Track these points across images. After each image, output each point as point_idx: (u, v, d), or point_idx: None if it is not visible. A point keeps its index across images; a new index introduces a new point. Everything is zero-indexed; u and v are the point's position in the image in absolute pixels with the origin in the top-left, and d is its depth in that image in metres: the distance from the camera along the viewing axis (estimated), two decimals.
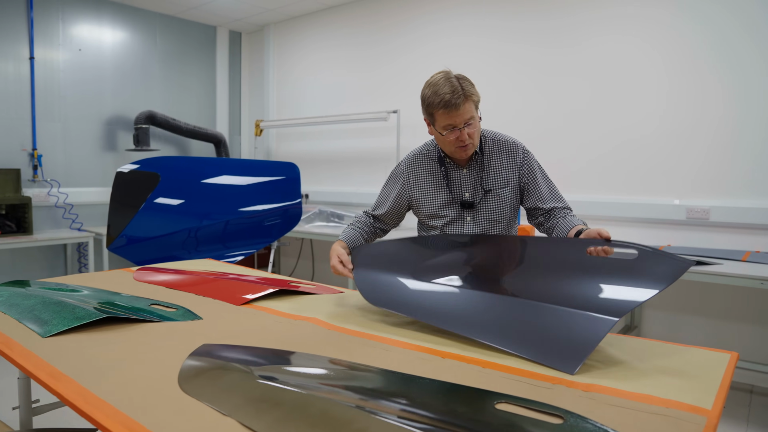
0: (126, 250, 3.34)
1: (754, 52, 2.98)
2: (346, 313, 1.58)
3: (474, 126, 1.73)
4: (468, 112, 1.69)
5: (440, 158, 1.86)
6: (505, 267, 1.59)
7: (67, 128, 4.69)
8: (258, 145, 5.62)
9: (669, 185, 3.26)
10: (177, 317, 1.55)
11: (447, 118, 1.69)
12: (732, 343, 3.11)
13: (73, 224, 4.67)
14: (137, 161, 3.45)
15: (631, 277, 1.27)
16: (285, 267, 5.61)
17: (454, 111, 1.67)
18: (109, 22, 4.91)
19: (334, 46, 5.06)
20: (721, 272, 2.59)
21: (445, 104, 1.66)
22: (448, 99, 1.66)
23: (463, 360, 1.17)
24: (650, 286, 1.22)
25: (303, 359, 1.19)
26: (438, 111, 1.69)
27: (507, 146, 1.86)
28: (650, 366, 1.13)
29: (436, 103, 1.68)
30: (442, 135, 1.73)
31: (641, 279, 1.25)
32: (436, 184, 1.87)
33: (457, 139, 1.72)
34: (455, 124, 1.69)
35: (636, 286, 1.25)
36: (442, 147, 1.81)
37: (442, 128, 1.72)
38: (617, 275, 1.30)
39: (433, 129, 1.78)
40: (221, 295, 1.80)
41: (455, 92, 1.66)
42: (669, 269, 1.23)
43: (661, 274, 1.23)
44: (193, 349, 1.24)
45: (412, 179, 1.91)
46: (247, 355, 1.23)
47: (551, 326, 1.26)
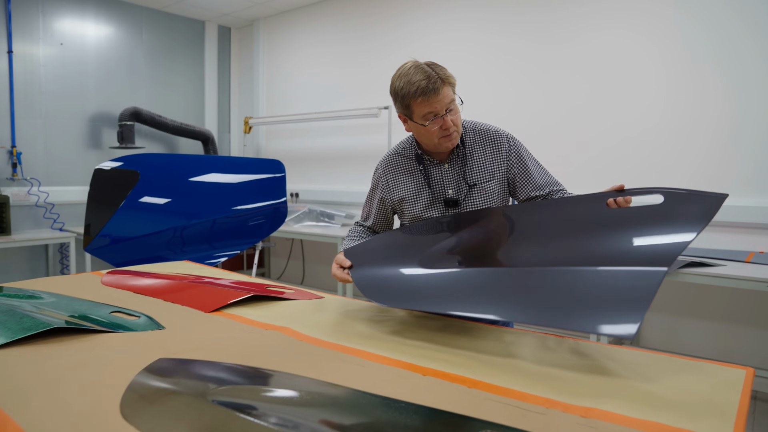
0: (104, 252, 3.20)
1: (754, 46, 2.86)
2: (323, 322, 1.45)
3: (456, 111, 1.60)
4: (448, 96, 1.56)
5: (418, 156, 1.72)
6: (521, 237, 1.47)
7: (48, 125, 4.54)
8: (247, 142, 5.49)
9: (669, 182, 3.14)
10: (137, 327, 1.42)
11: (426, 105, 1.54)
12: (735, 348, 2.99)
13: (55, 224, 4.53)
14: (117, 158, 3.31)
15: (665, 222, 1.17)
16: (275, 268, 5.48)
17: (433, 97, 1.53)
18: (92, 15, 4.77)
19: (325, 41, 4.93)
20: (724, 274, 2.47)
21: (422, 91, 1.52)
22: (424, 85, 1.52)
23: (446, 378, 1.04)
24: (688, 228, 1.13)
25: (266, 378, 1.05)
26: (415, 101, 1.55)
27: (490, 136, 1.72)
28: (657, 386, 1.00)
29: (412, 93, 1.54)
30: (423, 126, 1.59)
31: (676, 222, 1.15)
32: (417, 185, 1.73)
33: (441, 128, 1.58)
34: (436, 111, 1.55)
35: (673, 232, 1.14)
36: (425, 141, 1.66)
37: (422, 119, 1.57)
38: (649, 223, 1.20)
39: (411, 124, 1.64)
40: (191, 301, 1.67)
41: (430, 78, 1.53)
42: (702, 207, 1.14)
43: (696, 213, 1.14)
44: (147, 365, 1.11)
45: (391, 183, 1.77)
46: (206, 371, 1.10)
47: (591, 290, 1.15)
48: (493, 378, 1.04)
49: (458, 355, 1.18)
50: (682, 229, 1.13)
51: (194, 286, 1.84)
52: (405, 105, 1.59)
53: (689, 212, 1.15)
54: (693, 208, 1.16)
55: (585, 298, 1.14)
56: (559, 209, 1.42)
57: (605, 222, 1.27)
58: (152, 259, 3.01)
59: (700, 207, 1.15)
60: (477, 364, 1.12)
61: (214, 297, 1.68)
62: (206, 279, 2.01)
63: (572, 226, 1.33)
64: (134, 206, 3.18)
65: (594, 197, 1.34)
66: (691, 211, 1.15)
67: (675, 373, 1.06)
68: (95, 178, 3.26)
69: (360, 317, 1.48)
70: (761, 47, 2.84)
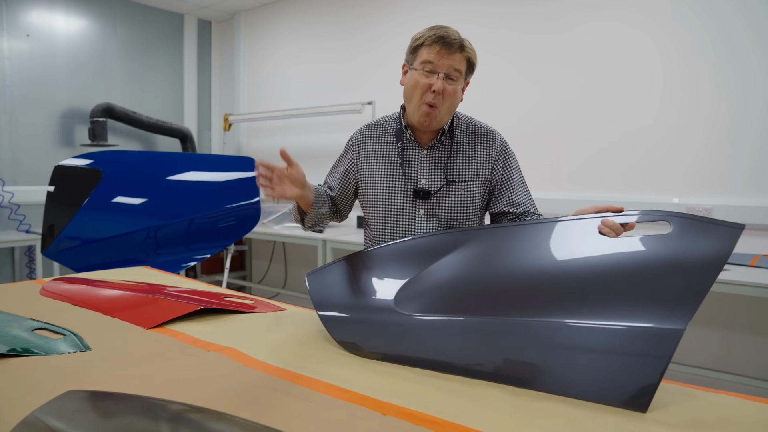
0: (64, 256, 2.98)
1: (753, 41, 2.69)
2: (276, 341, 1.24)
3: (454, 86, 1.42)
4: (457, 61, 1.41)
5: (399, 132, 1.53)
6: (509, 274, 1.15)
7: (14, 121, 4.30)
8: (228, 140, 5.27)
9: (668, 182, 2.96)
10: (57, 349, 1.21)
11: (431, 54, 1.39)
12: (741, 358, 2.81)
13: (21, 226, 4.29)
14: (78, 155, 3.09)
15: (676, 262, 0.94)
16: (257, 271, 5.26)
17: (444, 50, 1.38)
18: (61, 6, 4.53)
19: (308, 35, 4.72)
20: (727, 279, 2.29)
21: (437, 38, 1.38)
22: (443, 35, 1.38)
23: (409, 418, 0.84)
24: (703, 270, 0.91)
25: (184, 421, 0.85)
26: (426, 45, 1.41)
27: (483, 134, 1.54)
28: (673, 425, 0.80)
29: (427, 36, 1.40)
30: (416, 73, 1.42)
31: (690, 263, 0.93)
32: (389, 164, 1.54)
33: (429, 86, 1.40)
34: (436, 66, 1.39)
35: (687, 275, 0.92)
36: (408, 98, 1.47)
37: (419, 63, 1.41)
38: (657, 263, 0.96)
39: (407, 76, 1.47)
40: (132, 315, 1.46)
41: (453, 36, 1.39)
42: (717, 241, 0.92)
43: (712, 249, 0.92)
44: (49, 399, 0.90)
45: (362, 151, 1.59)
46: (116, 408, 0.90)
47: (597, 353, 0.92)
48: (463, 418, 0.84)
49: (427, 384, 0.98)
50: (696, 271, 0.92)
51: (140, 297, 1.62)
52: (414, 48, 1.45)
53: (703, 248, 0.93)
54: (707, 242, 0.94)
55: (591, 362, 0.92)
56: (549, 237, 1.14)
57: (604, 258, 1.03)
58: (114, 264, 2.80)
59: (714, 241, 0.93)
60: (448, 398, 0.91)
61: (158, 311, 1.47)
62: (163, 289, 1.79)
63: (566, 260, 1.08)
64: (95, 206, 2.96)
65: (588, 223, 1.11)
66: (705, 246, 0.94)
67: (692, 409, 0.87)
68: (55, 176, 3.04)
69: (321, 335, 1.27)
70: (760, 42, 2.67)
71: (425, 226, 1.51)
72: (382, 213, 1.55)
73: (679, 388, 0.95)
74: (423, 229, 1.52)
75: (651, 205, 2.97)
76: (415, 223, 1.52)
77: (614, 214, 1.09)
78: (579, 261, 1.06)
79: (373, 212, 1.57)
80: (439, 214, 1.51)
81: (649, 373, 0.86)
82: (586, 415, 0.85)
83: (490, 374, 0.98)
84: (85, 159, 3.08)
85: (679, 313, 0.89)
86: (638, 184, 3.05)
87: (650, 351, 0.88)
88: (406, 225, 1.53)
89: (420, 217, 1.52)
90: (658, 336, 0.88)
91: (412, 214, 1.53)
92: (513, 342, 1.01)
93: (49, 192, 3.01)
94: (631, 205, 2.97)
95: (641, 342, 0.90)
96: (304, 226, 1.61)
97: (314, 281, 1.36)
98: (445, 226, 1.51)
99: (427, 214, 1.52)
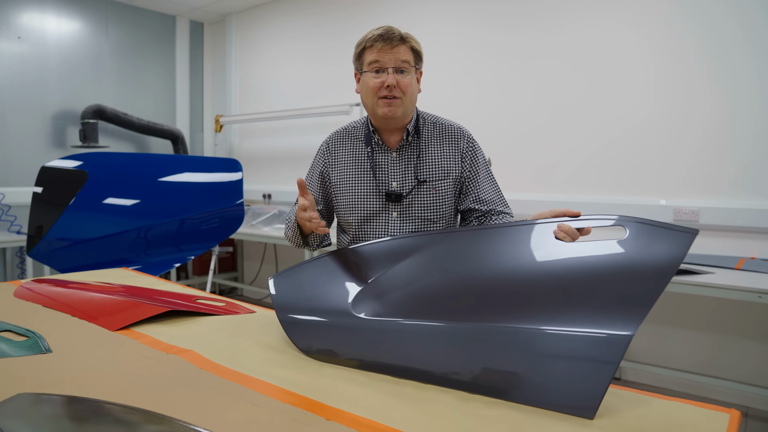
0: (50, 257, 2.98)
1: (745, 42, 2.67)
2: (236, 344, 1.24)
3: (407, 78, 1.43)
4: (402, 53, 1.42)
5: (367, 137, 1.53)
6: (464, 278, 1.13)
7: (5, 123, 4.30)
8: (219, 141, 5.26)
9: (655, 184, 2.95)
10: (17, 351, 1.20)
11: (376, 54, 1.42)
12: (727, 361, 2.79)
13: (12, 227, 4.29)
14: (64, 157, 3.09)
15: (628, 267, 0.93)
16: (248, 272, 5.26)
17: (386, 47, 1.41)
18: (53, 8, 4.53)
19: (299, 36, 4.72)
20: (712, 283, 2.28)
21: (376, 39, 1.41)
22: (380, 33, 1.41)
23: (351, 423, 0.83)
24: (654, 275, 0.89)
25: (124, 424, 0.84)
26: (367, 47, 1.44)
27: (450, 131, 1.53)
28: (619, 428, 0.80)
29: (366, 39, 1.44)
30: (366, 75, 1.45)
31: (642, 268, 0.91)
32: (360, 169, 1.54)
33: (382, 84, 1.42)
34: (383, 63, 1.41)
35: (638, 281, 0.91)
36: (366, 99, 1.49)
37: (367, 66, 1.44)
38: (609, 269, 0.95)
39: (360, 82, 1.50)
40: (100, 316, 1.45)
41: (390, 30, 1.42)
42: (671, 246, 0.91)
43: (665, 254, 0.90)
44: None
45: (333, 158, 1.59)
46: (63, 410, 0.89)
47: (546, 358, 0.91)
48: (411, 425, 0.83)
49: (378, 389, 0.97)
50: (648, 277, 0.91)
51: (109, 299, 1.62)
52: (358, 54, 1.48)
53: (656, 253, 0.92)
54: (660, 247, 0.93)
55: (539, 367, 0.91)
56: (505, 241, 1.12)
57: (557, 262, 1.02)
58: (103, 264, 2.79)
59: (668, 246, 0.92)
60: (395, 404, 0.90)
61: (125, 313, 1.46)
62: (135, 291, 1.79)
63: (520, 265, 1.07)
64: (82, 207, 2.96)
65: (545, 227, 1.09)
66: (658, 251, 0.92)
67: (643, 416, 0.86)
68: (41, 177, 3.04)
69: (283, 339, 1.26)
70: (753, 43, 2.65)
71: (400, 228, 1.51)
72: (357, 218, 1.55)
73: (634, 395, 0.94)
74: (398, 231, 1.51)
75: (636, 206, 2.95)
76: (389, 226, 1.52)
77: (571, 219, 1.08)
78: (533, 266, 1.05)
79: (348, 217, 1.57)
80: (413, 215, 1.51)
81: (596, 379, 0.85)
82: (532, 421, 0.83)
83: (440, 379, 0.97)
84: (71, 160, 3.08)
85: (628, 318, 0.88)
86: (623, 185, 3.04)
87: (598, 357, 0.87)
88: (380, 228, 1.53)
89: (394, 219, 1.52)
90: (607, 342, 0.87)
91: (385, 217, 1.52)
92: (462, 347, 1.00)
93: (35, 193, 3.01)
94: (614, 207, 2.97)
95: (590, 348, 0.88)
96: (311, 247, 1.59)
97: (278, 284, 1.35)
98: (419, 226, 1.50)
99: (400, 217, 1.51)
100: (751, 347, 2.73)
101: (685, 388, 2.93)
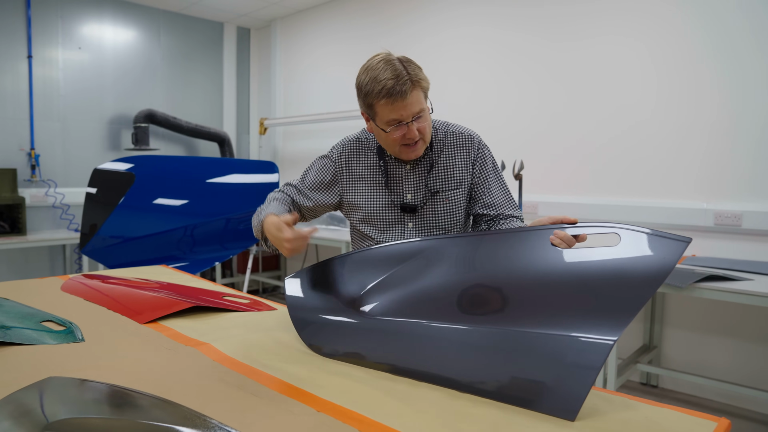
0: (100, 253, 3.18)
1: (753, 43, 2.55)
2: (252, 339, 1.31)
3: (425, 119, 1.40)
4: (417, 102, 1.36)
5: (380, 149, 1.54)
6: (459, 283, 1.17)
7: (66, 128, 4.61)
8: (263, 144, 5.43)
9: (695, 186, 2.85)
10: (55, 339, 1.31)
11: (391, 110, 1.35)
12: (766, 371, 2.67)
13: (71, 225, 4.58)
14: (115, 159, 3.29)
15: (619, 273, 0.94)
16: (291, 270, 5.40)
17: (399, 101, 1.33)
18: (110, 19, 4.82)
19: (339, 39, 4.82)
20: (750, 290, 2.19)
21: (387, 92, 1.33)
22: (391, 86, 1.32)
23: (340, 416, 0.87)
24: (643, 283, 0.90)
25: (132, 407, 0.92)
26: (379, 102, 1.35)
27: (462, 139, 1.54)
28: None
29: (376, 92, 1.34)
30: (385, 132, 1.40)
31: (632, 275, 0.92)
32: (374, 182, 1.55)
33: (403, 137, 1.39)
34: (401, 118, 1.36)
35: (627, 288, 0.92)
36: (385, 146, 1.48)
37: (385, 124, 1.38)
38: (598, 272, 0.97)
39: (372, 125, 1.45)
40: (131, 310, 1.56)
41: (400, 77, 1.33)
42: (663, 254, 0.91)
43: (656, 262, 0.91)
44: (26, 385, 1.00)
45: (345, 171, 1.58)
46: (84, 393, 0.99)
47: (531, 360, 0.94)
48: (395, 419, 0.87)
49: (373, 386, 1.01)
50: (637, 284, 0.91)
51: (142, 294, 1.73)
52: (368, 104, 1.40)
53: (647, 260, 0.93)
54: (652, 255, 0.93)
55: (524, 368, 0.94)
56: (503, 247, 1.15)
57: (552, 268, 1.04)
58: (151, 261, 2.96)
59: (660, 254, 0.92)
60: (385, 399, 0.94)
61: (154, 307, 1.57)
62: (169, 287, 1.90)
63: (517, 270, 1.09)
64: (130, 207, 3.15)
65: (541, 233, 1.11)
66: (649, 259, 0.93)
67: (627, 421, 0.86)
68: (93, 178, 3.25)
69: (296, 335, 1.33)
70: (760, 44, 2.54)
71: (416, 237, 1.53)
72: (373, 229, 1.57)
73: (623, 399, 0.94)
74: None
75: (676, 209, 2.86)
76: (405, 237, 1.54)
77: (567, 226, 1.09)
78: (527, 271, 1.06)
79: (364, 229, 1.59)
80: (428, 225, 1.53)
81: (579, 382, 0.86)
82: (514, 421, 0.86)
83: (432, 377, 1.00)
84: (121, 163, 3.28)
85: (613, 324, 0.89)
86: (662, 187, 2.95)
87: (582, 360, 0.88)
88: (397, 238, 1.54)
89: (409, 230, 1.53)
90: (590, 346, 0.89)
91: (401, 229, 1.54)
92: (452, 347, 1.03)
93: (89, 193, 3.22)
94: (653, 210, 2.89)
95: (574, 351, 0.90)
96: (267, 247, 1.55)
97: (292, 283, 1.41)
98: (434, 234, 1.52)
99: (416, 227, 1.53)
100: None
101: (724, 398, 2.82)
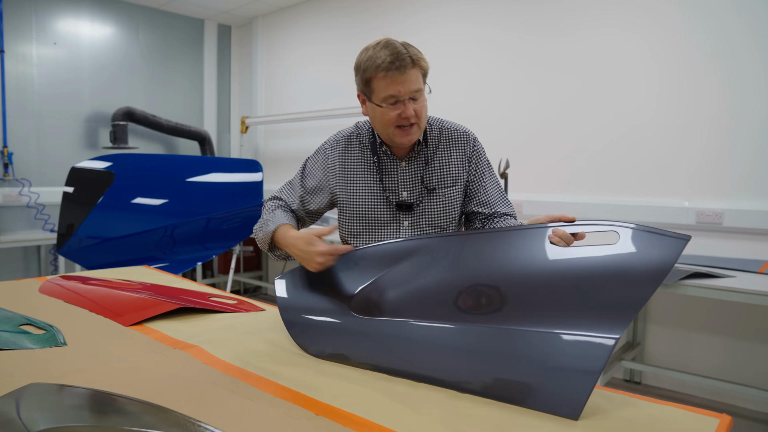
0: (78, 254, 3.09)
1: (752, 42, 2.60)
2: (242, 341, 1.28)
3: (421, 102, 1.39)
4: (415, 81, 1.35)
5: (373, 145, 1.51)
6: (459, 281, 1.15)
7: (41, 125, 4.48)
8: (245, 142, 5.36)
9: (677, 185, 2.89)
10: (35, 343, 1.26)
11: (388, 85, 1.34)
12: (749, 367, 2.72)
13: (46, 225, 4.46)
14: (93, 158, 3.21)
15: (618, 272, 0.94)
16: (273, 271, 5.34)
17: (398, 76, 1.33)
18: (87, 14, 4.70)
19: (323, 38, 4.77)
20: (733, 287, 2.22)
21: (386, 67, 1.32)
22: (390, 60, 1.32)
23: (339, 419, 0.85)
24: (643, 280, 0.90)
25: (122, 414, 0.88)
26: (377, 76, 1.34)
27: (457, 136, 1.52)
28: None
29: (374, 67, 1.34)
30: (380, 108, 1.38)
31: (632, 273, 0.92)
32: (368, 179, 1.51)
33: (399, 116, 1.36)
34: (398, 94, 1.34)
35: (627, 286, 0.91)
36: (380, 128, 1.44)
37: (381, 100, 1.37)
38: (599, 273, 0.96)
39: (368, 106, 1.43)
40: (115, 312, 1.51)
41: (399, 54, 1.33)
42: (662, 252, 0.91)
43: (655, 260, 0.90)
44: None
45: (337, 167, 1.54)
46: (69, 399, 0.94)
47: (533, 359, 0.93)
48: (395, 421, 0.85)
49: (371, 387, 0.99)
50: (637, 282, 0.91)
51: (125, 296, 1.68)
52: (365, 80, 1.39)
53: (647, 258, 0.93)
54: (652, 252, 0.93)
55: (526, 367, 0.93)
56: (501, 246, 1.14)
57: (550, 267, 1.03)
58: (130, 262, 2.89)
59: (659, 252, 0.92)
60: (384, 401, 0.92)
61: (138, 309, 1.52)
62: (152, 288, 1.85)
63: (515, 269, 1.08)
64: (108, 207, 3.07)
65: (539, 231, 1.10)
66: (648, 257, 0.93)
67: (630, 419, 0.86)
68: (71, 177, 3.16)
69: (287, 336, 1.30)
70: (759, 44, 2.58)
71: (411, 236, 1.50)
72: (367, 228, 1.53)
73: (624, 397, 0.94)
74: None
75: (657, 208, 2.90)
76: (401, 235, 1.51)
77: (565, 224, 1.08)
78: (526, 269, 1.05)
79: (357, 228, 1.54)
80: (424, 223, 1.50)
81: (582, 381, 0.85)
82: (518, 421, 0.84)
83: (432, 378, 0.98)
84: (100, 161, 3.20)
85: (614, 323, 0.88)
86: (643, 186, 2.98)
87: (584, 359, 0.87)
88: (392, 237, 1.50)
89: (405, 228, 1.50)
90: (592, 344, 0.88)
91: (396, 227, 1.51)
92: (452, 347, 1.01)
93: (66, 192, 3.13)
94: (635, 209, 2.93)
95: (576, 350, 0.89)
96: (275, 257, 1.53)
97: (283, 284, 1.38)
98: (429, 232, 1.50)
99: (411, 225, 1.50)
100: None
101: (706, 393, 2.86)
